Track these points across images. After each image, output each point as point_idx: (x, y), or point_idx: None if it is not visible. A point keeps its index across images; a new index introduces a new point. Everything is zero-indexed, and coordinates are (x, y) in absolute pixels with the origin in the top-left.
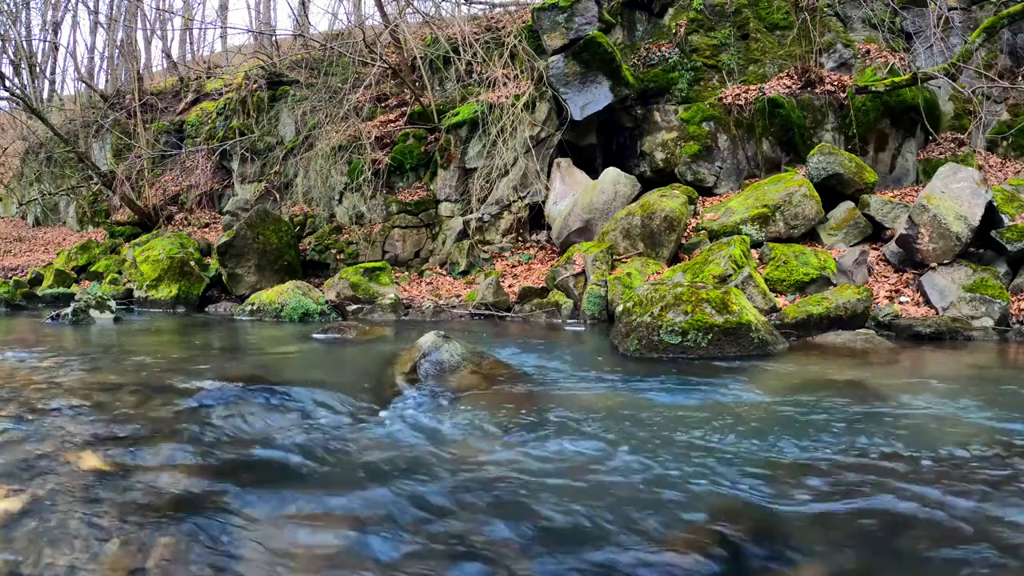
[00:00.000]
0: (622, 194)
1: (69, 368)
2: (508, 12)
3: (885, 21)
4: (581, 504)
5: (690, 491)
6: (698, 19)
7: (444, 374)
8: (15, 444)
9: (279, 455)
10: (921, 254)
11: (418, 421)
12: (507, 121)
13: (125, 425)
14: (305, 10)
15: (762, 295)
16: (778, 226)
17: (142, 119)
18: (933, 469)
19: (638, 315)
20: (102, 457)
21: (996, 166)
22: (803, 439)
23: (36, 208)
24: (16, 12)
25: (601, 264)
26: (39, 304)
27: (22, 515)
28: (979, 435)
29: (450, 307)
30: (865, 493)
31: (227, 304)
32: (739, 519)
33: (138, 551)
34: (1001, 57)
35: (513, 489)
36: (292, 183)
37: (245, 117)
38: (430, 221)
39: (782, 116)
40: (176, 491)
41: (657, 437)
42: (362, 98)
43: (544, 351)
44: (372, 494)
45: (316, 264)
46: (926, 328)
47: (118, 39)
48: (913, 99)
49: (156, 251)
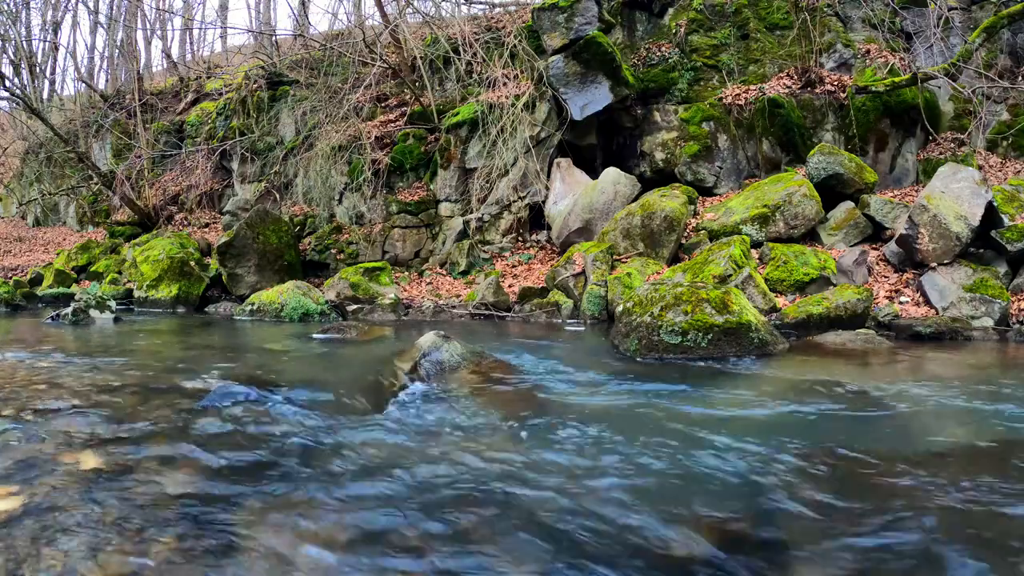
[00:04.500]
0: (622, 194)
1: (69, 368)
2: (508, 12)
3: (885, 21)
4: (580, 503)
5: (690, 491)
6: (698, 19)
7: (444, 374)
8: (15, 444)
9: (279, 455)
10: (921, 254)
11: (418, 421)
12: (507, 121)
13: (125, 425)
14: (305, 10)
15: (762, 295)
16: (778, 226)
17: (142, 119)
18: (933, 468)
19: (638, 315)
20: (102, 457)
21: (996, 166)
22: (803, 438)
23: (36, 208)
24: (16, 12)
25: (601, 264)
26: (39, 304)
27: (22, 515)
28: (979, 434)
29: (450, 307)
30: (866, 492)
31: (227, 304)
32: (739, 519)
33: (138, 551)
34: (1001, 57)
35: (513, 488)
36: (292, 183)
37: (245, 117)
38: (430, 221)
39: (782, 116)
40: (176, 491)
41: (657, 437)
42: (362, 98)
43: (544, 351)
44: (372, 494)
45: (316, 264)
46: (926, 328)
47: (118, 39)
48: (913, 99)
49: (156, 251)
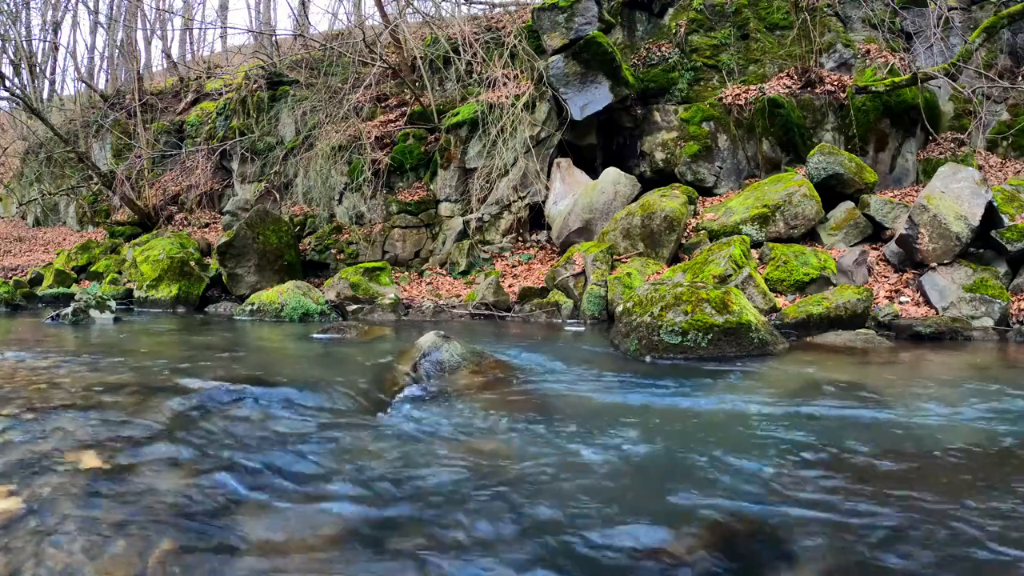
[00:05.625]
0: (622, 194)
1: (69, 368)
2: (508, 12)
3: (885, 21)
4: (579, 502)
5: (690, 490)
6: (698, 19)
7: (444, 374)
8: (15, 444)
9: (278, 455)
10: (921, 254)
11: (418, 421)
12: (507, 121)
13: (125, 425)
14: (305, 10)
15: (762, 295)
16: (778, 226)
17: (142, 119)
18: (933, 467)
19: (638, 315)
20: (102, 457)
21: (996, 166)
22: (803, 438)
23: (36, 208)
24: (16, 12)
25: (601, 264)
26: (39, 304)
27: (22, 515)
28: (979, 434)
29: (450, 307)
30: (866, 493)
31: (227, 304)
32: (739, 519)
33: (138, 551)
34: (1001, 57)
35: (512, 488)
36: (292, 183)
37: (245, 117)
38: (430, 221)
39: (782, 116)
40: (176, 491)
41: (657, 436)
42: (362, 98)
43: (544, 351)
44: (372, 494)
45: (316, 264)
46: (926, 328)
47: (118, 39)
48: (913, 99)
49: (156, 251)
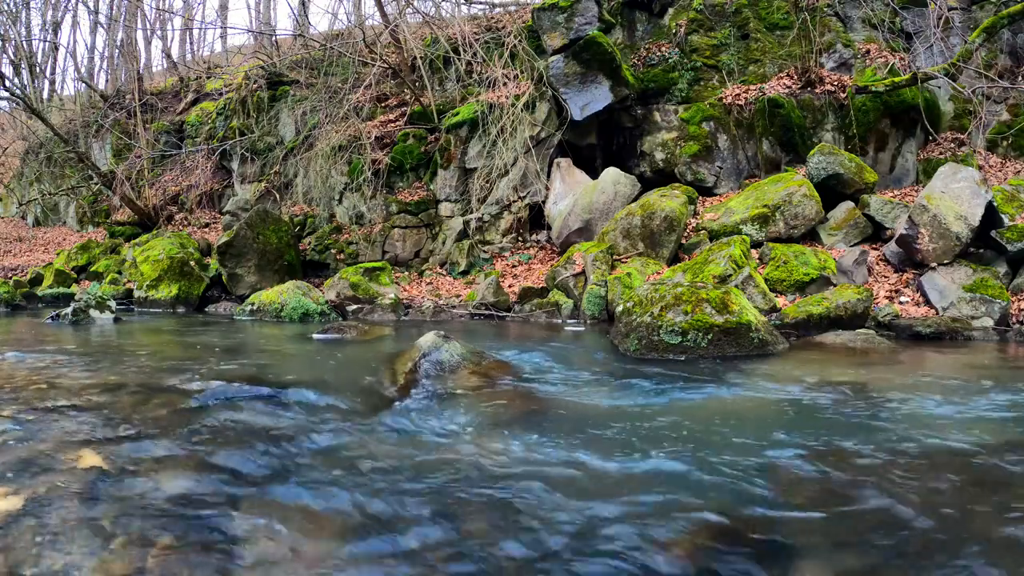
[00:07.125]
0: (622, 194)
1: (69, 368)
2: (508, 12)
3: (885, 21)
4: (579, 502)
5: (690, 490)
6: (698, 19)
7: (444, 374)
8: (15, 444)
9: (278, 455)
10: (921, 254)
11: (418, 421)
12: (507, 121)
13: (125, 425)
14: (305, 10)
15: (762, 295)
16: (778, 226)
17: (142, 119)
18: (932, 466)
19: (638, 315)
20: (102, 457)
21: (996, 166)
22: (803, 438)
23: (36, 208)
24: (16, 12)
25: (601, 264)
26: (39, 304)
27: (22, 515)
28: (980, 434)
29: (450, 307)
30: (866, 493)
31: (227, 304)
32: (739, 518)
33: (138, 551)
34: (1001, 57)
35: (512, 488)
36: (292, 183)
37: (245, 117)
38: (430, 221)
39: (782, 116)
40: (176, 491)
41: (656, 436)
42: (362, 98)
43: (544, 351)
44: (372, 494)
45: (316, 264)
46: (926, 328)
47: (118, 39)
48: (913, 99)
49: (156, 251)
